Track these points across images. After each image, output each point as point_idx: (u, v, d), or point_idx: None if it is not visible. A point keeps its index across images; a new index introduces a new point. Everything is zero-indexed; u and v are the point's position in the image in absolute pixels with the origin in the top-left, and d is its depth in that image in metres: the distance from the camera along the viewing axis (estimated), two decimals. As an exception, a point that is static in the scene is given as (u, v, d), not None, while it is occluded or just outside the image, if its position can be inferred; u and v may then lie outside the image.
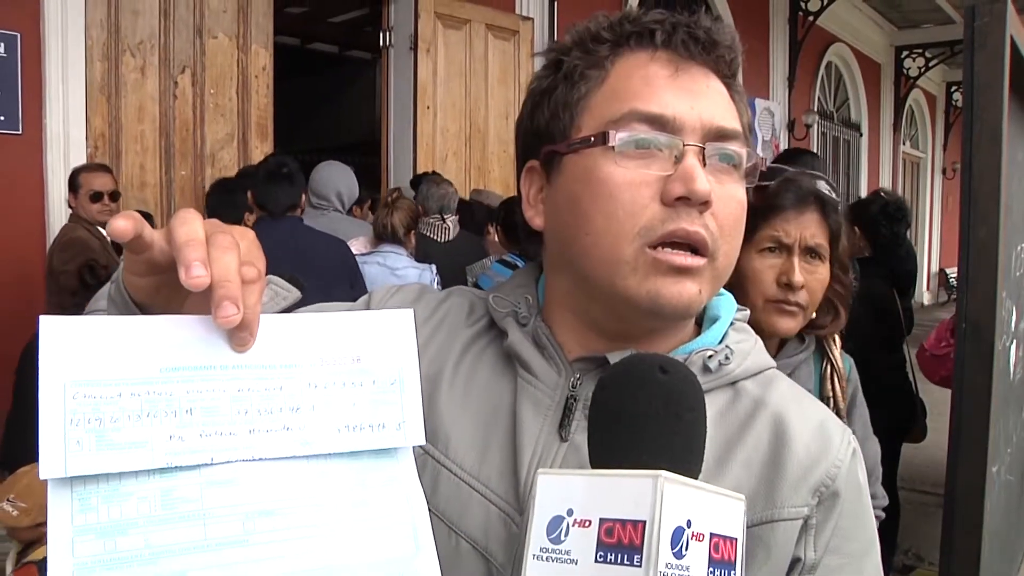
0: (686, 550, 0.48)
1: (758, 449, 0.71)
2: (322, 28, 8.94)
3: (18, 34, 3.95)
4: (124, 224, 0.51)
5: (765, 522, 0.68)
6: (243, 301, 0.50)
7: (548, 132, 0.74)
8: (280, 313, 0.55)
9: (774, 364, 0.79)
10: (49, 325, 0.47)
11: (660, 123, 0.68)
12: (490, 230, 4.13)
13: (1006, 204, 1.45)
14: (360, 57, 9.79)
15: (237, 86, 4.78)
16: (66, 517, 0.46)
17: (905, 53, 12.62)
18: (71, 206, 3.65)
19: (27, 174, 4.03)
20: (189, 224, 0.51)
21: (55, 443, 0.46)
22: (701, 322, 0.79)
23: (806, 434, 0.72)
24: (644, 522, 0.47)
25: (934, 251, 14.87)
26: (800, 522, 0.69)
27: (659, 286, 0.68)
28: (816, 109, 10.57)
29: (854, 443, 0.74)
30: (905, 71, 12.81)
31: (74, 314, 0.51)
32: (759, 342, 0.79)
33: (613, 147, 0.68)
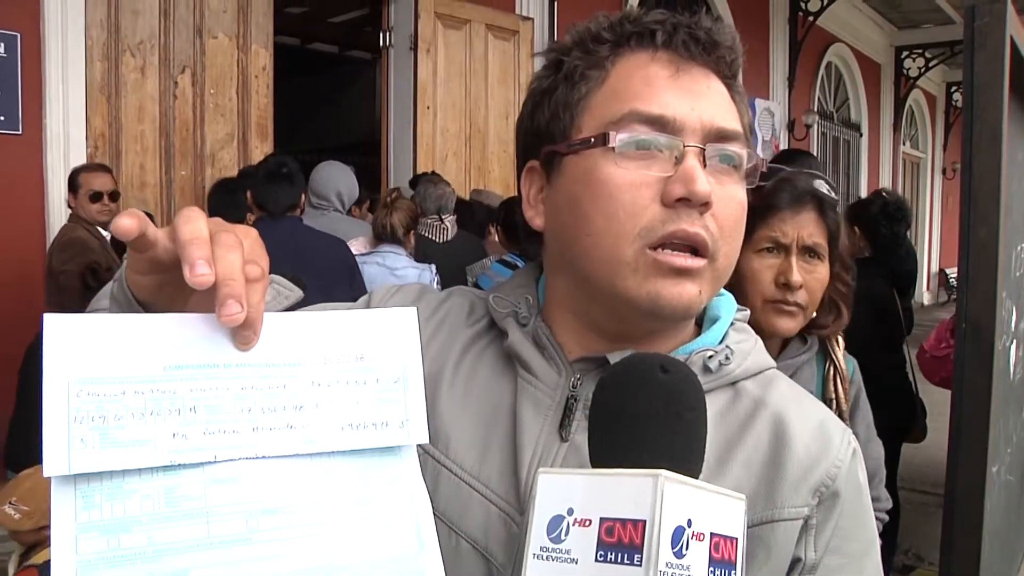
0: (686, 550, 0.48)
1: (758, 449, 0.71)
2: (322, 28, 8.94)
3: (18, 34, 3.95)
4: (128, 222, 0.51)
5: (765, 522, 0.68)
6: (247, 299, 0.50)
7: (548, 132, 0.74)
8: (283, 312, 0.56)
9: (774, 364, 0.79)
10: (53, 323, 0.47)
11: (660, 124, 0.68)
12: (491, 231, 4.12)
13: (1006, 204, 1.45)
14: (360, 57, 9.79)
15: (237, 86, 4.78)
16: (70, 514, 0.46)
17: (905, 53, 12.61)
18: (70, 206, 3.65)
19: (27, 174, 4.03)
20: (193, 222, 0.51)
21: (59, 441, 0.46)
22: (701, 322, 0.80)
23: (806, 434, 0.72)
24: (644, 521, 0.47)
25: (934, 251, 14.86)
26: (800, 522, 0.69)
27: (659, 287, 0.68)
28: (816, 109, 10.57)
29: (854, 443, 0.74)
30: (905, 71, 12.80)
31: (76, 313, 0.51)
32: (759, 342, 0.79)
33: (613, 148, 0.68)
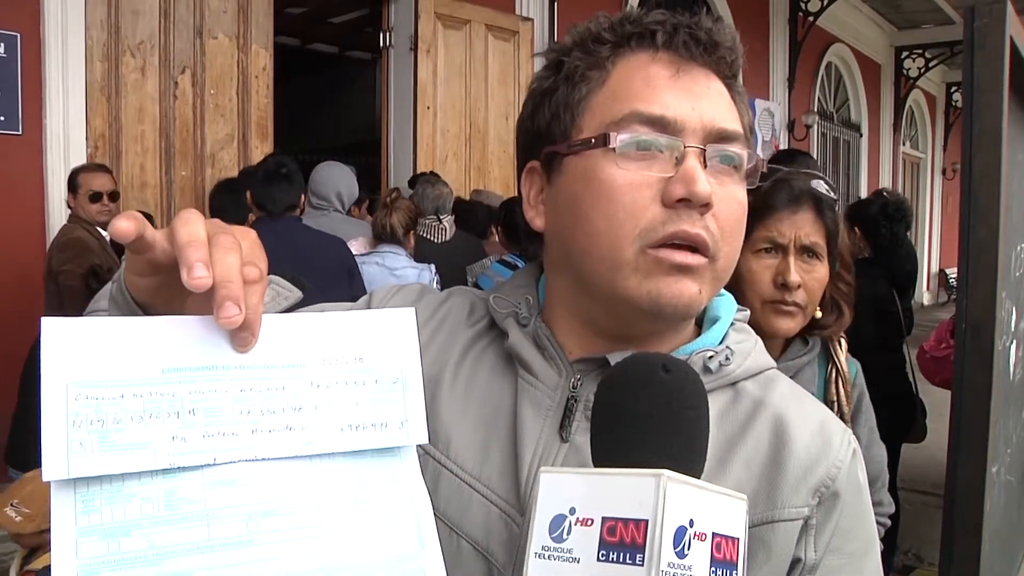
0: (688, 549, 0.48)
1: (758, 449, 0.71)
2: (322, 28, 8.95)
3: (18, 34, 3.95)
4: (126, 224, 0.51)
5: (765, 522, 0.68)
6: (245, 301, 0.50)
7: (549, 133, 0.74)
8: (282, 313, 0.56)
9: (774, 364, 0.79)
10: (51, 326, 0.47)
11: (661, 124, 0.68)
12: (493, 231, 4.10)
13: (1006, 204, 1.45)
14: (360, 57, 9.79)
15: (237, 86, 4.78)
16: (69, 519, 0.46)
17: (905, 54, 12.61)
18: (70, 206, 3.65)
19: (27, 174, 4.03)
20: (191, 225, 0.51)
21: (58, 445, 0.46)
22: (701, 323, 0.79)
23: (806, 434, 0.72)
24: (646, 521, 0.47)
25: (934, 251, 14.86)
26: (800, 522, 0.69)
27: (660, 286, 0.68)
28: (816, 110, 10.56)
29: (854, 443, 0.74)
30: (905, 72, 12.80)
31: (75, 315, 0.51)
32: (759, 342, 0.79)
33: (614, 148, 0.68)
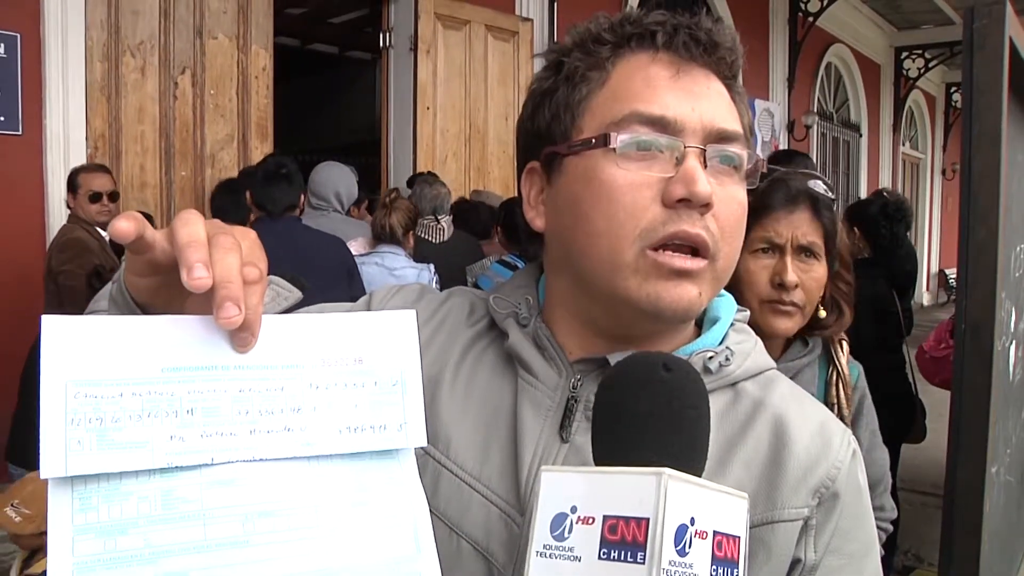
0: (689, 548, 0.48)
1: (758, 450, 0.71)
2: (322, 29, 8.95)
3: (18, 34, 3.95)
4: (126, 225, 0.51)
5: (765, 523, 0.68)
6: (245, 302, 0.50)
7: (549, 133, 0.74)
8: (282, 314, 0.55)
9: (774, 365, 0.79)
10: (51, 325, 0.47)
11: (661, 125, 0.68)
12: (495, 231, 4.10)
13: (1006, 205, 1.45)
14: (360, 58, 9.80)
15: (237, 87, 4.78)
16: (66, 516, 0.46)
17: (905, 54, 12.62)
18: (70, 206, 3.65)
19: (27, 174, 4.03)
20: (191, 225, 0.51)
21: (56, 442, 0.46)
22: (701, 323, 0.79)
23: (806, 435, 0.72)
24: (648, 519, 0.47)
25: (934, 252, 14.87)
26: (800, 523, 0.69)
27: (659, 289, 0.68)
28: (816, 110, 10.57)
29: (854, 444, 0.74)
30: (905, 72, 12.81)
31: (74, 314, 0.51)
32: (759, 343, 0.79)
33: (614, 149, 0.68)
